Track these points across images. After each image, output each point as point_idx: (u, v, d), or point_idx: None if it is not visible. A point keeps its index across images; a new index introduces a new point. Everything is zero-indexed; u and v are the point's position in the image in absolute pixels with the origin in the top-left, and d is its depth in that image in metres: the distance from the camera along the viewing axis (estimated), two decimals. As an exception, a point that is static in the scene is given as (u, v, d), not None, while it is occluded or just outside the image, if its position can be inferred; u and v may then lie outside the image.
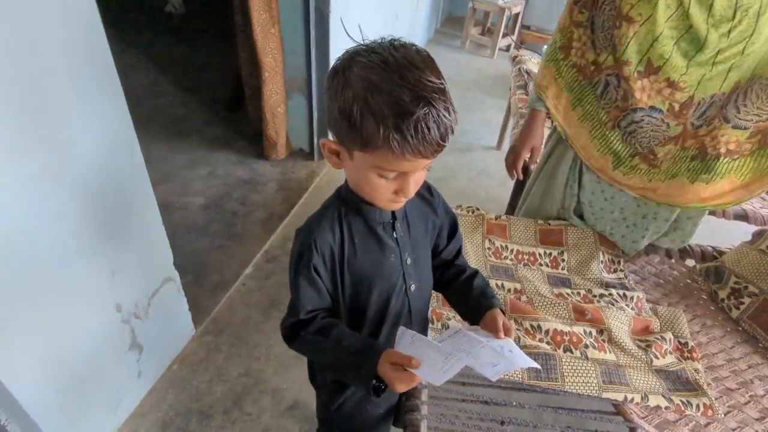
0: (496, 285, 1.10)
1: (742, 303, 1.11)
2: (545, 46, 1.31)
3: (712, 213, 1.43)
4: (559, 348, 0.96)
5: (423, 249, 0.75)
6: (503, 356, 0.61)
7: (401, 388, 0.58)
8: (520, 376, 0.90)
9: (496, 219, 1.28)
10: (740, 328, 1.12)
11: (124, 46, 3.48)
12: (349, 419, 0.87)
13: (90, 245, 1.03)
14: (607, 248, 1.23)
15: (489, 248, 1.21)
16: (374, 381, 0.60)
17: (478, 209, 1.29)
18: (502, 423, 0.86)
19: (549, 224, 1.26)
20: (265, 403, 1.36)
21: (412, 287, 0.74)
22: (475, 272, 0.78)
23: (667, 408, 0.90)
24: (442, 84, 0.54)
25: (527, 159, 1.29)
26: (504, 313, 0.70)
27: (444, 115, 0.53)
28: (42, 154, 0.86)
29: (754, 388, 0.99)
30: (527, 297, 1.07)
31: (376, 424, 0.89)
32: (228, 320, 1.60)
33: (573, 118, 1.13)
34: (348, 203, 0.67)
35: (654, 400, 0.90)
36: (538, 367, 0.63)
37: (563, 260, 1.22)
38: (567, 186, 1.24)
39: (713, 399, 0.92)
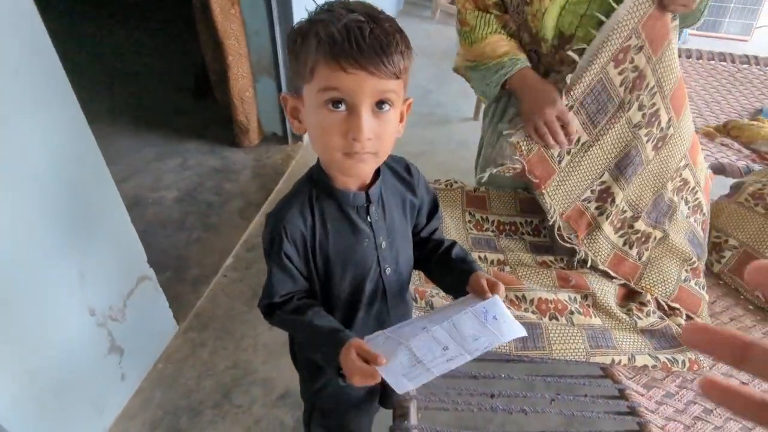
0: (479, 257, 1.08)
1: (723, 257, 1.12)
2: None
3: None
4: (544, 316, 0.95)
5: (399, 232, 0.71)
6: (486, 328, 0.59)
7: (358, 382, 0.56)
8: (507, 348, 0.89)
9: (475, 191, 1.25)
10: (721, 282, 1.13)
11: (83, 38, 3.32)
12: (332, 400, 0.86)
13: (54, 249, 0.98)
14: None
15: (469, 221, 1.19)
16: (338, 368, 0.59)
17: (456, 182, 1.27)
18: (492, 396, 0.85)
19: (529, 192, 1.24)
20: (256, 394, 1.34)
21: (387, 270, 0.71)
22: (453, 243, 0.76)
23: (654, 367, 0.91)
24: (398, 26, 0.53)
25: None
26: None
27: (385, 28, 0.52)
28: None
29: (737, 340, 1.00)
30: (510, 267, 1.06)
31: (359, 404, 0.87)
32: (211, 314, 1.56)
33: None
34: (320, 185, 0.64)
35: (641, 360, 0.90)
36: (524, 334, 0.61)
37: (545, 227, 1.20)
38: None
39: (698, 353, 0.93)
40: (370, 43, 0.50)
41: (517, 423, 1.17)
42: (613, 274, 1.02)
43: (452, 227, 1.16)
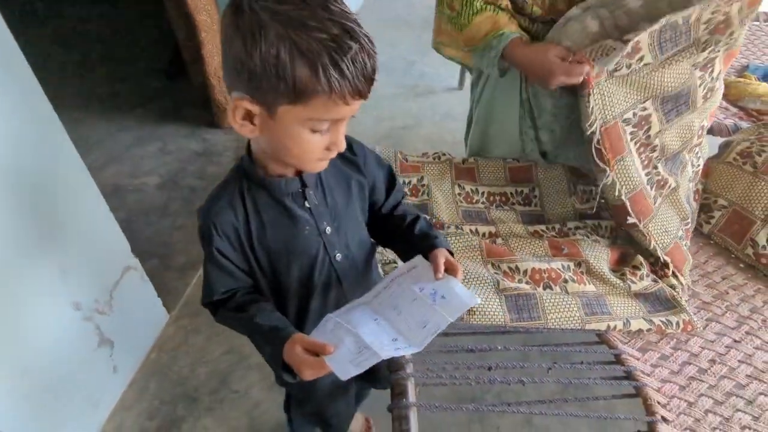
0: (470, 230, 1.06)
1: (712, 217, 1.12)
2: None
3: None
4: (539, 286, 0.95)
5: (347, 215, 0.68)
6: (434, 310, 0.60)
7: (308, 375, 0.55)
8: (502, 319, 0.88)
9: (463, 162, 1.23)
10: (712, 242, 1.13)
11: (45, 22, 3.16)
12: (302, 389, 0.85)
13: (30, 246, 0.94)
14: (579, 179, 1.20)
15: (459, 194, 1.17)
16: (285, 365, 0.58)
17: (444, 154, 1.24)
18: (489, 368, 0.85)
19: (518, 162, 1.22)
20: (253, 379, 1.33)
21: (338, 257, 0.68)
22: (417, 217, 0.74)
23: (648, 330, 0.91)
24: (356, 15, 0.49)
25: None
26: (452, 253, 0.68)
27: (372, 48, 0.48)
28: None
29: (729, 298, 1.01)
30: (502, 239, 1.05)
31: (331, 391, 0.86)
32: (202, 300, 1.54)
33: None
34: (250, 177, 0.61)
35: (636, 325, 0.91)
36: (476, 302, 0.62)
37: (535, 196, 1.19)
38: (522, 134, 1.18)
39: (692, 314, 0.93)
40: (368, 74, 0.49)
41: (514, 393, 1.18)
42: (629, 208, 0.98)
43: (442, 201, 1.14)
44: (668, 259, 0.99)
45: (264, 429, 1.23)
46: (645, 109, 1.00)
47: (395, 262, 0.95)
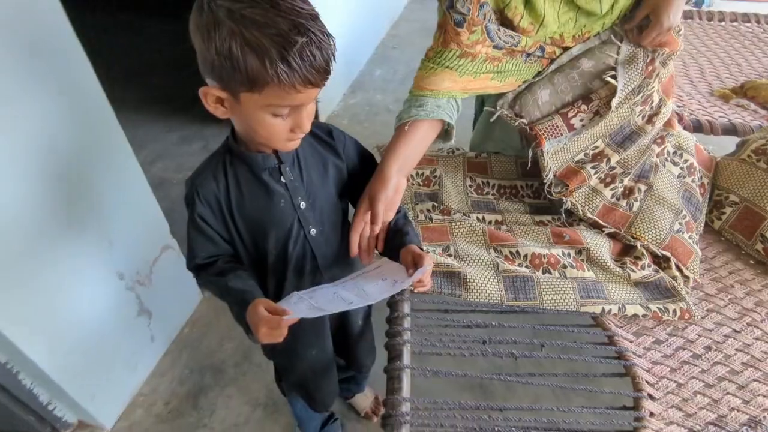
0: (477, 218, 1.12)
1: (723, 213, 1.12)
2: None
3: (698, 129, 1.42)
4: (537, 270, 0.99)
5: (322, 193, 0.75)
6: (390, 290, 0.69)
7: (264, 333, 0.60)
8: (499, 298, 0.93)
9: (476, 157, 1.29)
10: (723, 239, 1.13)
11: (118, 30, 3.48)
12: (285, 357, 0.92)
13: (87, 220, 1.09)
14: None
15: (470, 185, 1.23)
16: (247, 326, 0.64)
17: (458, 149, 1.30)
18: (484, 342, 0.90)
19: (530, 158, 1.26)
20: (274, 355, 1.43)
21: (312, 231, 0.75)
22: (397, 211, 0.82)
23: (644, 316, 0.93)
24: (314, 10, 0.54)
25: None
26: (422, 248, 0.75)
27: (323, 39, 0.53)
28: (16, 135, 0.89)
29: (734, 292, 1.01)
30: (507, 226, 1.10)
31: (313, 365, 0.92)
32: (233, 283, 1.66)
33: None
34: (233, 152, 0.68)
35: (631, 310, 0.93)
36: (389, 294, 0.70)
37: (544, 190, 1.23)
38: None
39: (691, 303, 0.95)
40: (318, 65, 0.54)
41: (507, 368, 1.21)
42: (602, 223, 1.04)
43: (452, 191, 1.20)
44: (667, 253, 1.01)
45: (280, 399, 1.32)
46: (597, 147, 1.10)
47: None
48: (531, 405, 0.81)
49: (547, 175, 1.07)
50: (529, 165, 1.12)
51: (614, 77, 1.02)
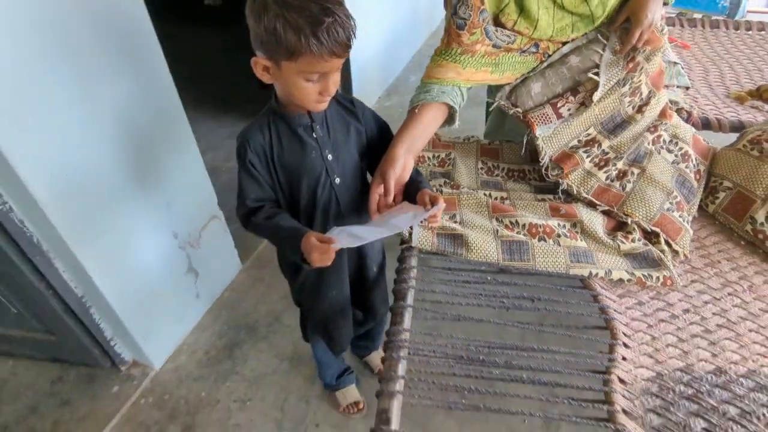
0: (484, 194, 1.24)
1: (717, 197, 1.19)
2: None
3: (707, 126, 1.49)
4: (534, 238, 1.10)
5: (345, 149, 0.91)
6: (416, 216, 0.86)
7: (317, 257, 0.77)
8: (495, 258, 1.05)
9: (489, 144, 1.42)
10: (717, 222, 1.20)
11: (173, 40, 3.82)
12: (311, 296, 1.07)
13: (148, 181, 1.29)
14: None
15: (482, 168, 1.36)
16: (300, 254, 0.80)
17: (473, 136, 1.44)
18: (480, 295, 1.02)
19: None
20: (301, 318, 1.60)
21: (337, 180, 0.91)
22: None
23: (629, 281, 1.03)
24: (341, 14, 0.70)
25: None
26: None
27: (345, 20, 0.70)
28: (97, 104, 1.10)
29: (720, 267, 1.09)
30: (510, 201, 1.22)
31: (333, 305, 1.08)
32: (270, 257, 1.85)
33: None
34: (275, 112, 0.85)
35: (617, 275, 1.03)
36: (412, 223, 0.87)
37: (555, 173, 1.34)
38: None
39: (674, 272, 1.03)
40: (341, 40, 0.70)
41: (499, 317, 1.31)
42: (596, 202, 1.15)
43: (464, 171, 1.33)
44: (657, 229, 1.10)
45: (305, 356, 1.48)
46: (589, 134, 1.21)
47: None
48: (516, 344, 0.92)
49: (543, 159, 1.19)
50: (523, 150, 1.25)
51: (597, 74, 1.14)
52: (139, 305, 1.34)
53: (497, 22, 1.08)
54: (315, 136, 0.87)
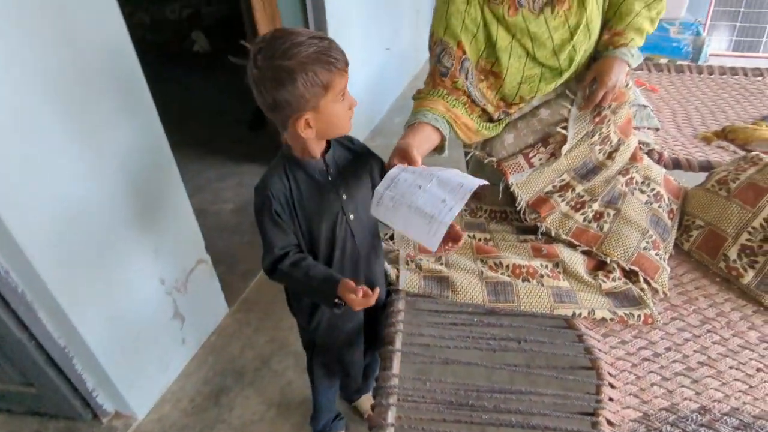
0: (468, 236, 1.28)
1: (691, 236, 1.24)
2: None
3: (677, 166, 1.56)
4: (518, 278, 1.13)
5: (356, 186, 0.95)
6: (465, 177, 0.83)
7: (359, 302, 0.82)
8: (482, 300, 1.08)
9: (472, 186, 1.47)
10: (692, 259, 1.25)
11: (162, 82, 3.89)
12: (326, 335, 1.08)
13: (140, 232, 1.30)
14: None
15: (465, 210, 1.40)
16: (336, 300, 0.84)
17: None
18: (468, 338, 1.04)
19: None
20: (289, 362, 1.58)
21: (351, 217, 0.94)
22: None
23: (611, 320, 1.06)
24: (327, 37, 0.78)
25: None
26: None
27: (337, 45, 0.78)
28: (89, 154, 1.13)
29: (698, 303, 1.12)
30: (493, 242, 1.25)
31: (349, 337, 1.09)
32: (256, 300, 1.84)
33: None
34: (290, 160, 0.88)
35: (600, 314, 1.06)
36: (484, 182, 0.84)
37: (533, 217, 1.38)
38: None
39: (654, 310, 1.07)
40: (342, 52, 0.78)
41: (487, 359, 1.32)
42: (576, 242, 1.19)
43: (449, 214, 1.37)
44: (635, 268, 1.14)
45: (293, 402, 1.45)
46: (563, 180, 1.28)
47: (392, 238, 1.25)
48: (504, 387, 0.93)
49: (519, 203, 1.25)
50: (500, 195, 1.31)
51: (566, 128, 1.21)
52: (123, 354, 1.32)
53: (479, 67, 1.15)
54: (330, 178, 0.91)
